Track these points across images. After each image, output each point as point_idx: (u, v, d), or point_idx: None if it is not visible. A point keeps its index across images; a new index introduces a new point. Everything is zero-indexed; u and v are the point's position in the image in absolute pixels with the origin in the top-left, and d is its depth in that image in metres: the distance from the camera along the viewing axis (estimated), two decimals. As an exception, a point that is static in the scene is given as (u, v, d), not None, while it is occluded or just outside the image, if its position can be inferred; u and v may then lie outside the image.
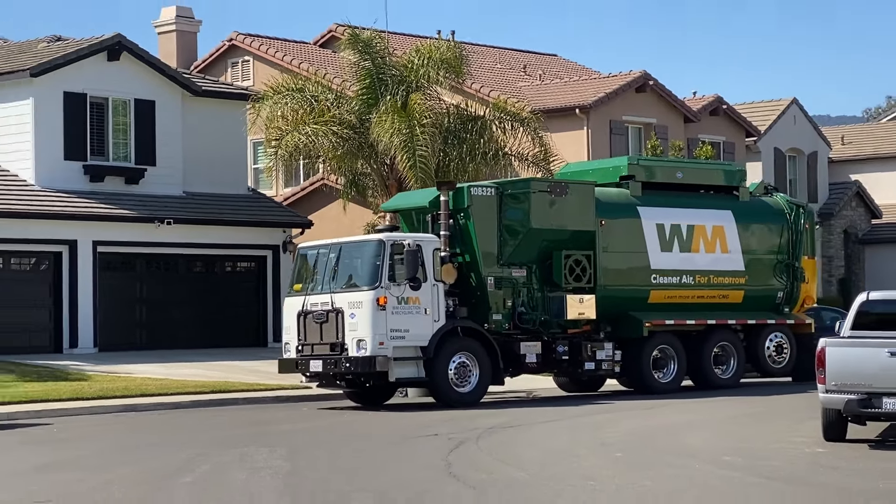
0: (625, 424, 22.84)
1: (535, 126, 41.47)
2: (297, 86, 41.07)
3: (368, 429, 23.18)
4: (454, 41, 45.08)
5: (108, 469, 18.31)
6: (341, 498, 15.15)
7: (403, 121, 37.79)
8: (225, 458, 18.93)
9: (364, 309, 24.87)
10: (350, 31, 41.12)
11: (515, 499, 14.70)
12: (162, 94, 40.54)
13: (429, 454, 18.72)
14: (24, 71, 38.12)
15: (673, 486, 15.84)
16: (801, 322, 30.91)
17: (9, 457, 20.39)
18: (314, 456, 19.43)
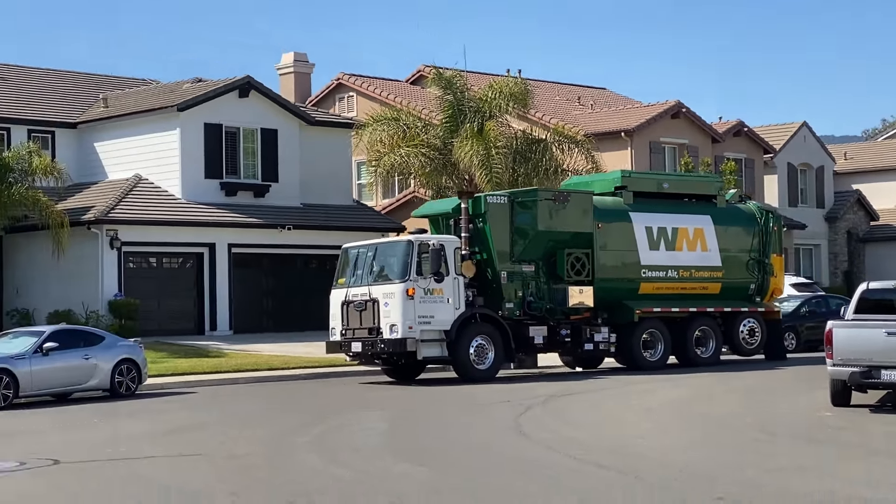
0: (659, 395, 22.72)
1: (588, 147, 41.58)
2: (393, 116, 41.40)
3: (446, 397, 23.35)
4: (521, 78, 45.17)
5: (243, 429, 18.62)
6: (436, 450, 15.32)
7: (481, 144, 37.97)
8: (335, 422, 19.18)
9: (396, 299, 24.75)
10: (435, 70, 41.42)
11: (574, 451, 14.86)
12: (283, 124, 40.91)
13: (502, 417, 18.84)
14: (172, 107, 38.62)
15: (709, 444, 15.94)
16: (770, 310, 30.50)
17: (162, 418, 20.77)
18: (406, 419, 19.62)
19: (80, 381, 24.31)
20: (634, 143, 48.52)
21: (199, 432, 18.31)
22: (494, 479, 12.97)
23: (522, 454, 14.87)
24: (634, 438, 16.27)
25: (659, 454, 14.65)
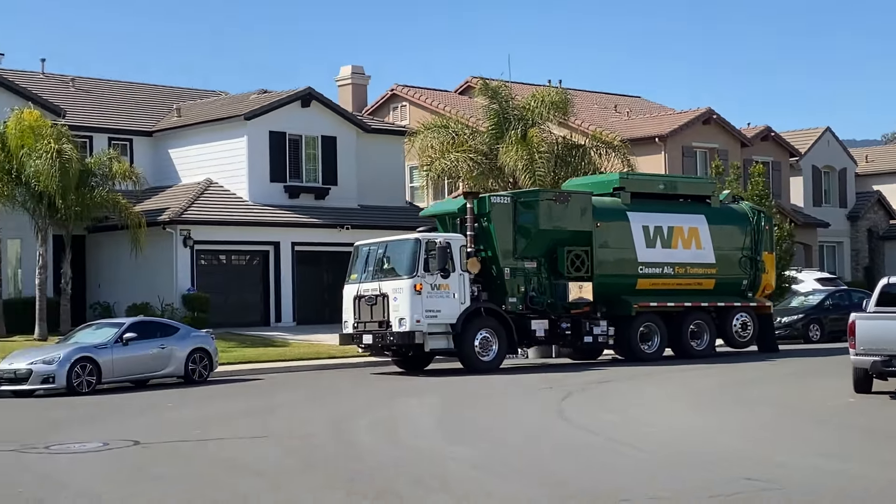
0: (690, 383, 22.65)
1: (624, 152, 41.40)
2: (443, 124, 41.40)
3: (493, 384, 23.19)
4: (561, 88, 45.12)
5: (306, 412, 18.81)
6: (484, 433, 15.37)
7: (524, 149, 37.93)
8: (390, 405, 19.32)
9: (404, 293, 24.44)
10: (482, 81, 41.40)
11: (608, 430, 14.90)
12: (342, 131, 41.10)
13: (545, 402, 18.91)
14: (239, 116, 38.90)
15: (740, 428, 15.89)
16: (762, 304, 29.83)
17: (232, 403, 21.00)
18: (456, 404, 19.68)
19: (156, 369, 24.62)
20: (668, 147, 48.37)
21: (265, 416, 18.47)
22: (537, 459, 13.04)
23: (564, 436, 14.94)
24: (668, 422, 16.29)
25: (691, 437, 14.67)
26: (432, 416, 17.39)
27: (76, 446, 15.07)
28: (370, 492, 10.97)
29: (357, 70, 52.09)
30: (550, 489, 10.86)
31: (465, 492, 10.82)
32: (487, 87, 40.65)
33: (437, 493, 10.77)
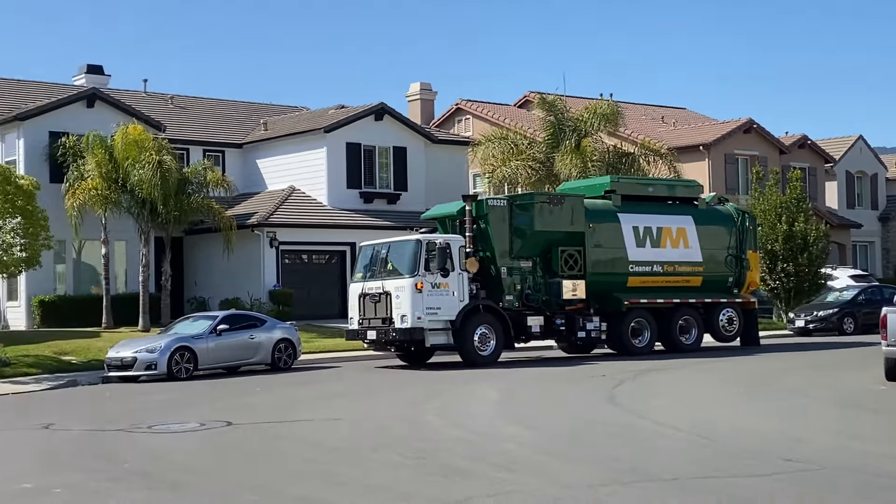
0: (729, 373, 22.32)
1: (671, 159, 41.13)
2: (503, 135, 41.43)
3: (547, 373, 23.19)
4: (612, 101, 44.91)
5: (378, 397, 18.90)
6: (541, 417, 15.36)
7: (578, 158, 37.83)
8: (454, 392, 19.32)
9: (406, 292, 23.56)
10: (539, 96, 41.39)
11: (656, 416, 14.82)
12: (411, 142, 41.26)
13: (598, 389, 18.80)
14: (319, 129, 39.18)
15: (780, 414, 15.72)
16: (746, 300, 28.74)
17: (313, 388, 21.03)
18: (514, 391, 19.59)
19: (246, 357, 24.94)
20: (711, 155, 47.97)
21: (342, 399, 18.61)
22: (591, 441, 13.01)
23: (615, 420, 14.86)
24: (712, 408, 16.15)
25: (734, 422, 14.52)
26: (491, 402, 17.40)
27: (176, 426, 15.30)
28: (437, 469, 11.02)
29: (425, 86, 52.27)
30: (604, 468, 10.84)
31: (526, 470, 10.84)
32: (544, 101, 40.65)
33: (499, 470, 10.79)
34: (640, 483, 10.01)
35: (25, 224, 25.85)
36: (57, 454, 13.03)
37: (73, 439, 14.43)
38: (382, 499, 9.49)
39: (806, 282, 37.96)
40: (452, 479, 10.37)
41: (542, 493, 9.61)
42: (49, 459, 12.60)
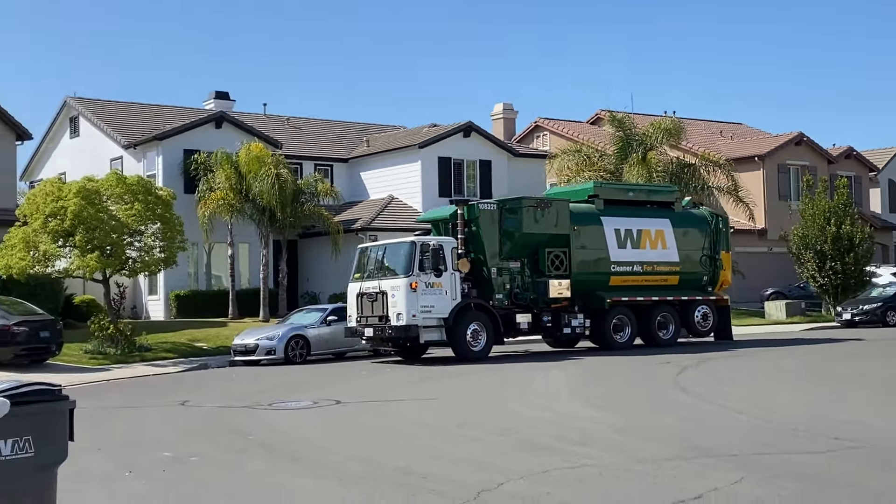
0: (781, 361, 21.72)
1: (728, 169, 40.60)
2: (577, 149, 41.31)
3: (617, 361, 22.80)
4: (675, 117, 44.42)
5: (465, 380, 18.84)
6: (614, 400, 15.24)
7: (644, 169, 37.55)
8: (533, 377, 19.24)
9: (401, 291, 22.08)
10: (609, 114, 41.20)
11: (718, 400, 14.59)
12: (495, 156, 41.26)
13: (664, 375, 18.58)
14: (414, 145, 39.40)
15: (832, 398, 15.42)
16: (720, 298, 27.35)
17: (410, 372, 21.08)
18: (588, 377, 19.47)
19: (351, 345, 25.12)
20: (766, 165, 47.15)
21: (434, 382, 18.63)
22: (659, 421, 12.85)
23: (681, 403, 14.67)
24: (769, 393, 15.86)
25: (789, 405, 14.26)
26: (566, 387, 17.29)
27: (292, 404, 15.51)
28: (519, 444, 11.00)
29: (507, 107, 52.23)
30: (670, 445, 10.71)
31: (599, 446, 10.76)
32: (614, 118, 40.46)
33: (577, 446, 10.73)
34: (702, 458, 9.86)
35: (164, 229, 26.41)
36: (192, 427, 13.30)
37: (204, 415, 14.72)
38: (471, 469, 9.50)
39: (852, 279, 37.48)
40: (533, 453, 10.33)
41: (614, 466, 9.53)
42: (185, 431, 12.86)
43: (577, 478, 9.01)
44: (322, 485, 9.06)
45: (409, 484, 8.90)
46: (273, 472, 9.84)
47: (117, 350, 24.94)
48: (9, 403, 5.36)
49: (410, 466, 9.71)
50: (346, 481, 9.14)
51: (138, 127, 39.01)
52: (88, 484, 9.18)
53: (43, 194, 25.71)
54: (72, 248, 25.27)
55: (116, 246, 25.34)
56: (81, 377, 21.04)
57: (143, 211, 25.82)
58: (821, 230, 37.54)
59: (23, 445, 5.45)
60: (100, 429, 12.71)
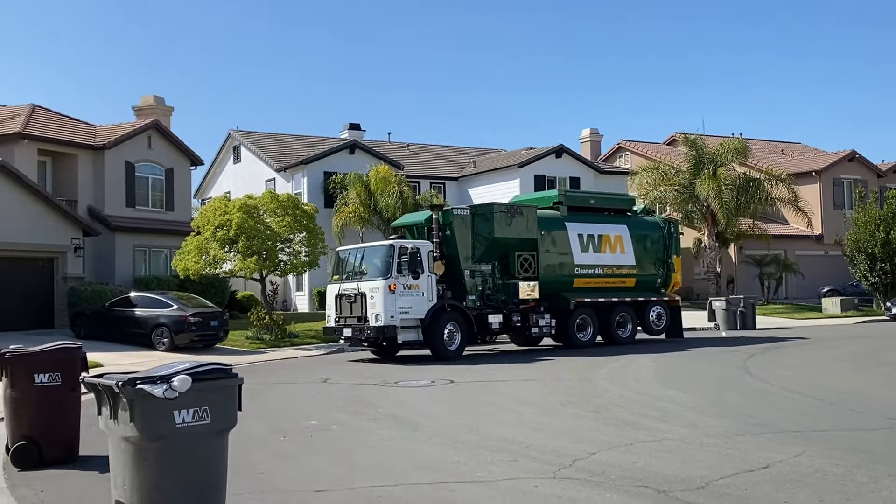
0: (839, 350, 20.94)
1: (789, 183, 39.28)
2: (655, 166, 40.58)
3: (689, 349, 22.29)
4: (741, 138, 43.30)
5: (562, 364, 18.51)
6: (689, 382, 14.87)
7: (714, 183, 36.64)
8: (620, 362, 18.94)
9: (380, 293, 19.74)
10: (683, 136, 40.32)
11: (783, 383, 14.14)
12: (583, 173, 40.89)
13: (733, 362, 18.15)
14: (514, 165, 39.51)
15: (887, 383, 14.76)
16: (672, 299, 24.99)
17: (513, 356, 20.82)
18: (667, 363, 19.07)
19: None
20: (822, 179, 45.50)
21: (533, 365, 18.48)
22: (730, 401, 12.53)
23: (749, 386, 14.27)
24: (827, 378, 15.26)
25: (847, 388, 13.69)
26: (649, 371, 16.97)
27: (414, 383, 15.60)
28: (610, 419, 10.86)
29: (594, 131, 51.73)
30: (739, 422, 10.43)
31: (678, 422, 10.55)
32: (687, 139, 39.64)
33: (658, 422, 10.55)
34: (768, 434, 9.57)
35: (308, 237, 26.95)
36: (332, 401, 13.50)
37: (342, 390, 14.94)
38: (568, 440, 9.42)
39: (901, 278, 36.14)
40: (621, 428, 10.20)
41: (691, 440, 9.33)
42: (327, 404, 13.07)
43: (659, 449, 8.85)
44: (439, 450, 9.12)
45: (512, 451, 8.88)
46: (399, 438, 9.94)
47: (272, 336, 25.54)
48: (190, 380, 5.57)
49: (514, 437, 9.69)
50: (459, 448, 9.18)
51: (287, 153, 40.02)
52: (251, 446, 9.44)
53: (212, 209, 26.58)
54: (235, 253, 26.00)
55: (271, 251, 25.99)
56: (243, 359, 21.58)
57: (292, 223, 26.38)
58: (871, 235, 36.52)
59: (201, 414, 5.65)
60: (259, 401, 13.05)
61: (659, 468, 7.94)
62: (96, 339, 23.78)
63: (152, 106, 36.04)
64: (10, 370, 8.74)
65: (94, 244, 30.14)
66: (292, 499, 7.14)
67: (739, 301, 30.44)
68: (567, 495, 7.05)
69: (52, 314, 27.64)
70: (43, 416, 8.66)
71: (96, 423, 6.05)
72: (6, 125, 30.38)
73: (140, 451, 5.55)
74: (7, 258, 26.67)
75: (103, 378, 5.74)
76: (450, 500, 7.00)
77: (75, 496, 7.34)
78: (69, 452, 8.81)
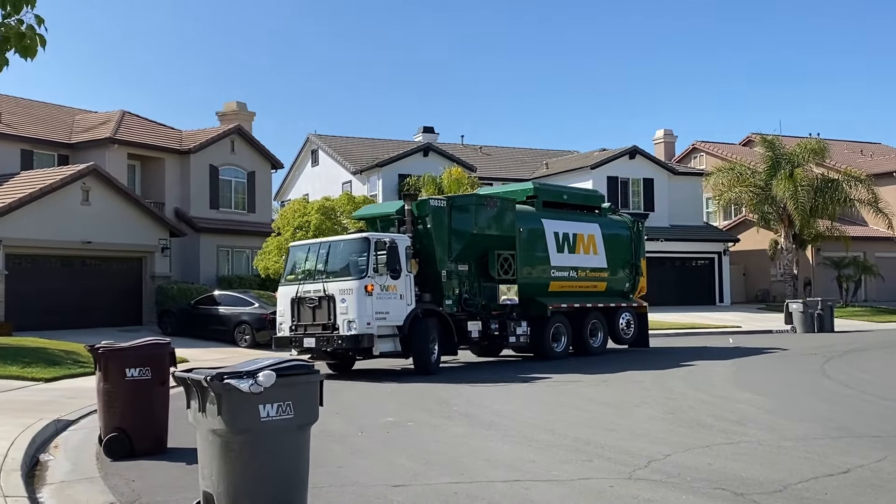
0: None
1: (868, 184, 38.03)
2: (730, 167, 39.79)
3: (765, 353, 21.69)
4: (819, 138, 42.07)
5: (636, 365, 18.23)
6: (766, 386, 14.45)
7: (791, 184, 35.72)
8: (694, 365, 18.55)
9: (353, 295, 16.06)
10: (760, 136, 39.50)
11: (862, 387, 13.67)
12: (657, 174, 40.26)
13: (811, 365, 17.66)
14: (587, 167, 39.09)
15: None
16: (640, 305, 22.41)
17: (579, 359, 20.54)
18: (743, 366, 18.60)
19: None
20: (903, 179, 43.86)
21: (607, 366, 18.18)
22: (807, 405, 12.17)
23: (828, 389, 13.84)
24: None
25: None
26: (724, 374, 16.60)
27: (488, 383, 15.52)
28: (685, 422, 10.66)
29: (668, 132, 50.92)
30: (817, 426, 10.13)
31: (754, 425, 10.30)
32: (764, 139, 38.86)
33: (733, 425, 10.31)
34: (847, 438, 9.28)
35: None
36: (407, 399, 13.53)
37: (416, 389, 14.99)
38: (644, 442, 9.29)
39: None
40: (697, 430, 10.01)
41: (768, 442, 9.10)
42: (402, 402, 13.09)
43: (736, 452, 8.66)
44: (515, 448, 9.09)
45: (587, 451, 8.80)
46: (473, 435, 9.94)
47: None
48: (275, 375, 5.68)
49: (590, 437, 9.59)
50: (534, 447, 9.14)
51: (363, 156, 40.50)
52: (330, 440, 9.58)
53: (292, 211, 27.08)
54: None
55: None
56: (320, 356, 21.78)
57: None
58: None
59: (285, 409, 5.76)
60: (337, 398, 13.20)
61: (736, 470, 7.77)
62: (182, 336, 24.45)
63: (235, 111, 36.90)
64: (103, 365, 9.05)
65: (180, 245, 31.02)
66: (370, 492, 7.21)
67: (817, 303, 29.55)
68: (643, 496, 6.95)
69: (140, 312, 28.54)
70: (133, 409, 8.93)
71: (184, 416, 6.23)
72: (98, 131, 31.51)
73: (227, 443, 5.69)
74: (100, 258, 27.65)
75: (192, 373, 5.91)
76: (526, 499, 6.98)
77: (164, 486, 7.57)
78: (158, 444, 9.07)
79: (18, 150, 29.47)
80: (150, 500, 7.08)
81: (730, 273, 41.17)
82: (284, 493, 5.76)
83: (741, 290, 43.53)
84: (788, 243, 38.31)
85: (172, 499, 7.05)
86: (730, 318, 33.26)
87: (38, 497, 7.21)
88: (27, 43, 6.20)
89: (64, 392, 13.63)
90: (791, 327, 29.57)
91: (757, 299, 43.07)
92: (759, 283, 44.08)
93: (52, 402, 12.25)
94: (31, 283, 25.59)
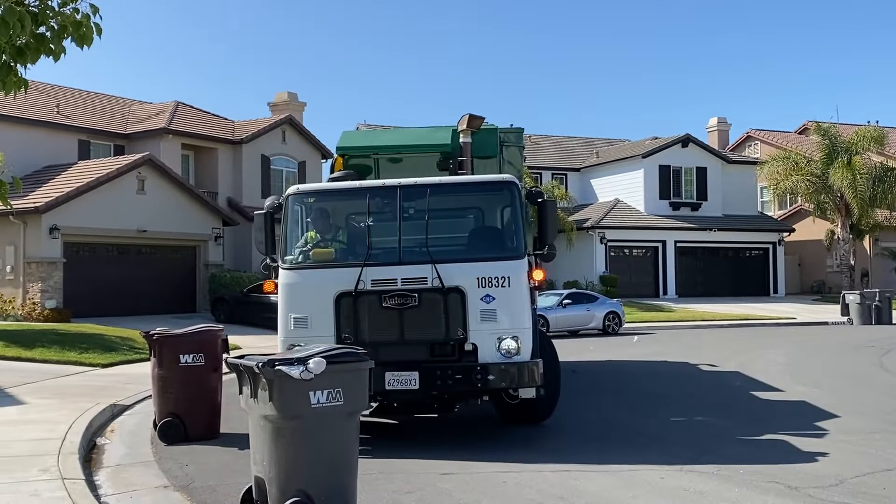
0: None
1: (931, 171, 36.96)
2: (785, 155, 38.96)
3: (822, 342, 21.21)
4: (878, 126, 40.87)
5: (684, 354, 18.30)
6: (821, 378, 14.17)
7: (849, 172, 34.86)
8: (748, 355, 18.29)
9: (509, 288, 8.26)
10: (816, 124, 38.57)
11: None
12: (710, 163, 39.57)
13: (868, 357, 17.27)
14: (638, 156, 38.59)
15: None
16: None
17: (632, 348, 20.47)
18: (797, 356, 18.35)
19: (583, 324, 24.96)
20: (968, 167, 42.38)
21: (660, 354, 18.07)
22: (863, 396, 11.91)
23: (885, 382, 13.51)
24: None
25: None
26: (779, 366, 16.28)
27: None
28: (742, 413, 10.47)
29: (722, 120, 50.00)
30: (877, 419, 9.90)
31: (813, 417, 10.10)
32: (820, 127, 37.93)
33: (792, 417, 10.14)
34: (909, 434, 9.04)
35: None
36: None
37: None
38: (695, 424, 9.16)
39: None
40: (752, 422, 9.85)
41: (829, 436, 8.92)
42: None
43: (790, 444, 8.48)
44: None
45: (636, 442, 8.67)
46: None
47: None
48: (325, 362, 5.71)
49: (640, 427, 9.43)
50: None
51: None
52: (379, 428, 9.61)
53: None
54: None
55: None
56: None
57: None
58: None
59: (335, 395, 5.78)
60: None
61: (790, 464, 7.62)
62: (234, 323, 24.80)
63: (286, 101, 37.21)
64: (158, 350, 9.21)
65: (233, 233, 31.45)
66: (419, 479, 7.24)
67: (875, 295, 28.83)
68: (695, 488, 6.86)
69: (194, 299, 29.02)
70: (187, 395, 9.07)
71: (236, 402, 6.31)
72: (153, 121, 32.06)
73: (278, 429, 5.74)
74: (155, 246, 28.17)
75: (244, 359, 5.97)
76: (574, 489, 6.93)
77: (216, 471, 7.68)
78: (211, 429, 9.20)
79: (76, 140, 30.12)
80: (203, 484, 7.19)
81: (784, 264, 40.36)
82: (334, 478, 5.80)
83: (796, 281, 42.65)
84: (845, 233, 37.43)
85: (224, 483, 7.15)
86: (784, 309, 32.66)
87: (94, 479, 7.37)
88: (83, 31, 6.31)
89: (120, 377, 13.93)
90: (847, 319, 28.91)
91: (812, 290, 42.18)
92: (814, 274, 43.15)
93: (108, 388, 12.53)
94: (88, 271, 26.17)
